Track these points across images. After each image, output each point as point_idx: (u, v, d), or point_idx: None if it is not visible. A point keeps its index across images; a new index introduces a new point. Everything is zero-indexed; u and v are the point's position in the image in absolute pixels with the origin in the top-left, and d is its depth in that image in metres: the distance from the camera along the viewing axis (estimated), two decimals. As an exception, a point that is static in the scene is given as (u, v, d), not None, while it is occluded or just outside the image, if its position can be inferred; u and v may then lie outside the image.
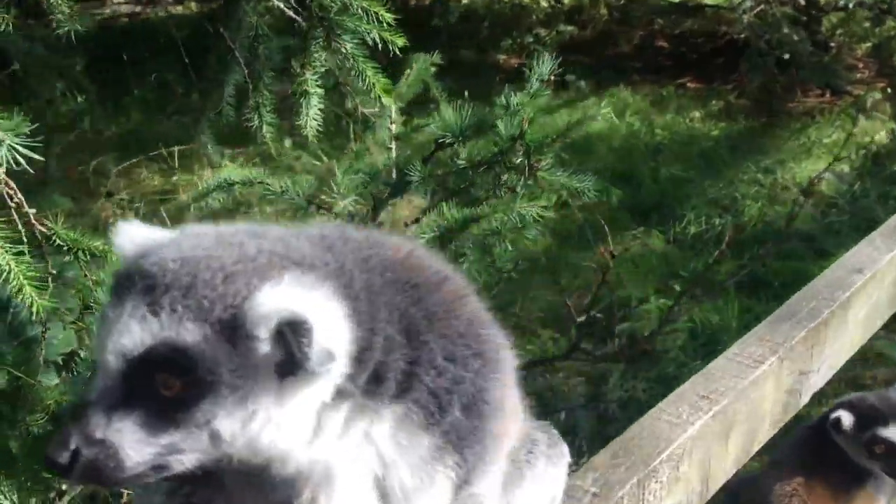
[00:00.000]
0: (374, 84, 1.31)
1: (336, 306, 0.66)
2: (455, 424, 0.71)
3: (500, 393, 0.74)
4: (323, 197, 1.38)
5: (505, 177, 1.27)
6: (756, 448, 1.13)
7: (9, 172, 1.19)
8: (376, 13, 1.30)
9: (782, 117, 6.21)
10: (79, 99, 5.33)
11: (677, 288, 3.81)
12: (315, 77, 1.40)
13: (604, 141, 5.78)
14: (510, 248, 1.31)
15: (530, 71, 1.50)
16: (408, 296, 0.73)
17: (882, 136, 5.69)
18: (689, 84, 7.30)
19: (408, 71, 1.85)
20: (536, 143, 1.23)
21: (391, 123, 1.63)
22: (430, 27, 8.02)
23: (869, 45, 7.47)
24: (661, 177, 5.14)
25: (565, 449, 0.90)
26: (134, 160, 3.48)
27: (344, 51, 1.31)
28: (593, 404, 2.77)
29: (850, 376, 3.46)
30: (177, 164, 3.67)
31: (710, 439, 1.01)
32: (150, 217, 3.01)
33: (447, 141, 1.38)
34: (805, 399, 1.22)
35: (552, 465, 0.86)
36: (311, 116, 1.44)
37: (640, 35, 8.71)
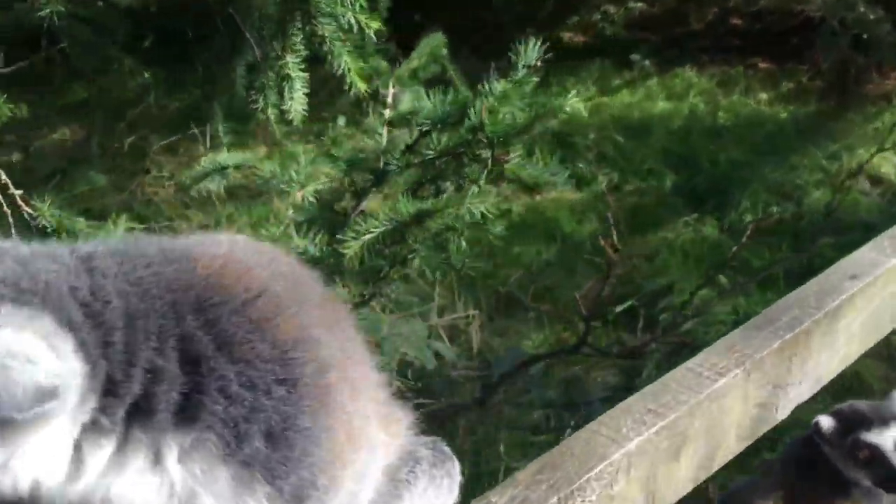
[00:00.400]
0: (349, 69, 1.27)
1: (61, 340, 0.61)
2: (257, 454, 0.66)
3: (320, 420, 0.69)
4: (283, 186, 1.34)
5: (468, 169, 1.20)
6: (719, 464, 1.05)
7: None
8: (353, -6, 1.25)
9: (857, 100, 5.85)
10: (146, 74, 5.46)
11: (722, 279, 3.66)
12: (297, 60, 1.36)
13: (664, 122, 5.57)
14: (465, 244, 1.24)
15: (516, 56, 1.41)
16: (199, 318, 0.68)
17: (964, 122, 5.29)
18: (760, 64, 6.95)
19: (414, 53, 1.79)
20: (498, 135, 1.15)
21: (385, 108, 1.58)
22: (492, 5, 7.89)
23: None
24: (721, 161, 4.92)
25: (454, 467, 0.85)
26: (174, 137, 3.54)
27: (322, 34, 1.27)
28: (615, 398, 2.67)
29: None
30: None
31: (655, 456, 0.93)
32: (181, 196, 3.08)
33: (424, 129, 1.32)
34: (783, 413, 1.13)
35: (435, 485, 0.81)
36: (297, 100, 1.40)
37: (713, 12, 8.34)
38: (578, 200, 4.85)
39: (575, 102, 1.25)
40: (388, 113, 1.52)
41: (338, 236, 1.16)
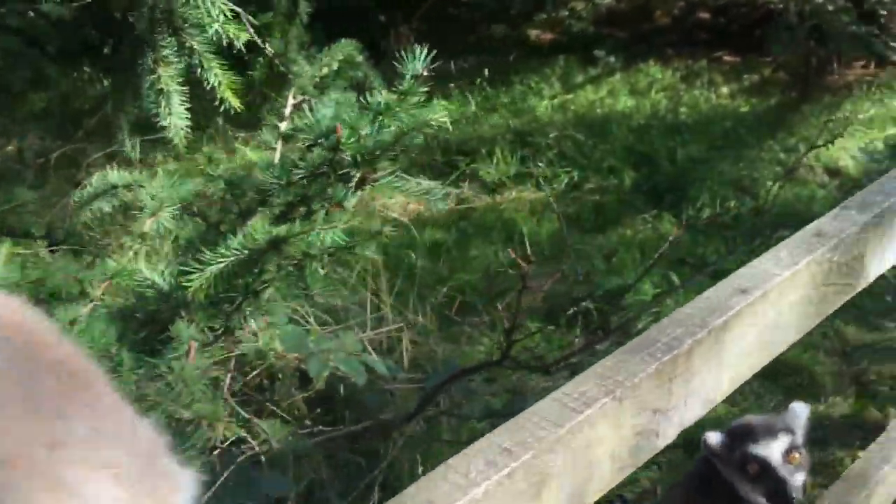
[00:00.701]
0: (220, 83, 1.19)
1: None
2: None
3: None
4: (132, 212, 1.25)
5: (332, 190, 1.12)
6: (594, 497, 0.98)
7: None
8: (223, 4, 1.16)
9: (818, 92, 5.81)
10: (105, 83, 5.35)
11: (674, 278, 3.60)
12: (173, 74, 1.28)
13: (626, 119, 5.51)
14: (321, 271, 1.16)
15: (402, 65, 1.33)
16: None
17: (924, 111, 5.26)
18: (724, 58, 6.90)
19: (322, 59, 1.70)
20: (361, 153, 1.07)
21: (281, 121, 1.50)
22: (460, 3, 7.81)
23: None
24: (679, 157, 4.86)
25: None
26: (109, 150, 3.44)
27: (191, 45, 1.19)
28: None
29: (853, 371, 3.20)
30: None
31: (510, 500, 0.86)
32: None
33: (308, 144, 1.24)
34: (668, 439, 1.05)
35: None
36: (177, 115, 1.32)
37: (680, 6, 8.29)
38: (539, 200, 4.79)
39: (440, 118, 1.17)
40: (283, 126, 1.43)
41: (181, 267, 1.08)
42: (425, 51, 1.36)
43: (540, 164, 4.93)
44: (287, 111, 1.53)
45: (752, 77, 6.29)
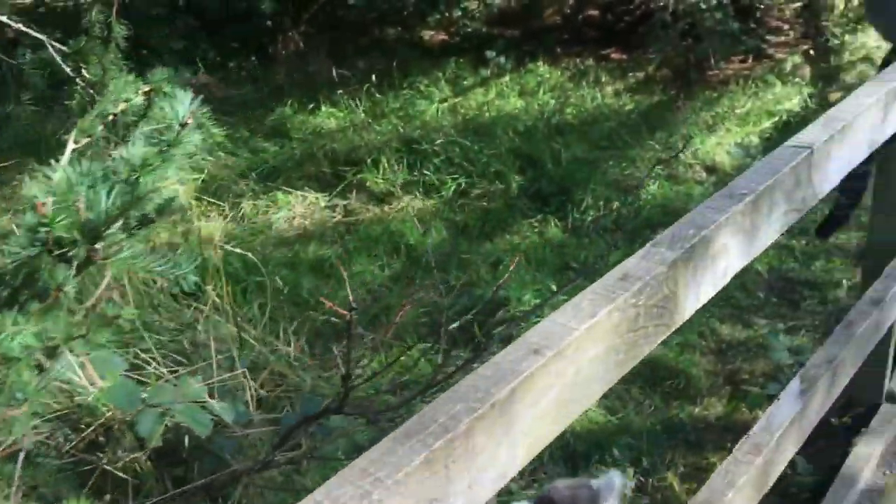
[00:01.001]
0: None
1: None
2: None
3: None
4: None
5: (50, 274, 0.94)
6: None
7: None
8: None
9: (699, 88, 5.91)
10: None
11: (553, 287, 3.55)
12: None
13: (512, 122, 5.47)
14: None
15: (163, 111, 1.17)
16: None
17: (795, 104, 5.41)
18: (612, 56, 6.96)
19: (112, 94, 1.53)
20: (72, 231, 0.91)
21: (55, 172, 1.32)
22: (348, 6, 7.62)
23: (799, 4, 7.15)
24: (564, 159, 4.84)
25: None
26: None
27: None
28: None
29: (728, 371, 3.23)
30: None
31: None
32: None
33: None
34: (454, 524, 0.95)
35: None
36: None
37: (570, 4, 8.33)
38: (427, 208, 4.69)
39: (171, 185, 1.02)
40: (57, 176, 1.24)
41: None
42: (191, 94, 1.20)
43: (426, 172, 4.83)
44: (64, 160, 1.35)
45: (637, 75, 6.36)
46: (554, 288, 3.53)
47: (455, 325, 3.49)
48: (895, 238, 2.38)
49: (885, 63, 2.12)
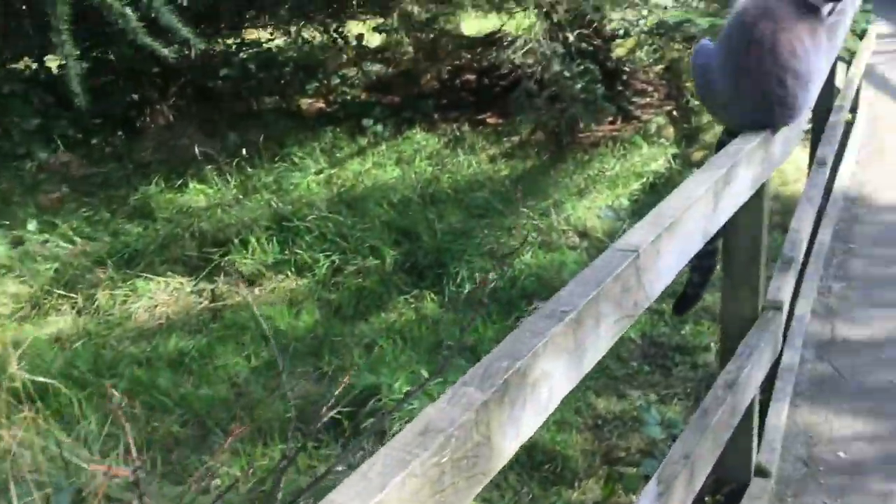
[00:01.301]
0: None
1: None
2: None
3: None
4: None
5: None
6: None
7: None
8: None
9: (572, 151, 6.00)
10: None
11: (424, 372, 3.39)
12: None
13: (390, 193, 5.36)
14: None
15: None
16: None
17: (660, 164, 5.55)
18: (488, 120, 7.03)
19: None
20: None
21: None
22: (221, 78, 7.42)
23: (661, 67, 7.46)
24: (440, 230, 4.75)
25: None
26: None
27: None
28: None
29: (604, 447, 3.13)
30: None
31: None
32: None
33: None
34: None
35: None
36: None
37: (448, 69, 8.42)
38: (299, 289, 4.47)
39: None
40: None
41: None
42: None
43: (298, 251, 4.63)
44: None
45: (512, 139, 6.42)
46: (426, 374, 3.36)
47: (325, 419, 3.28)
48: (745, 313, 2.36)
49: (720, 144, 2.11)
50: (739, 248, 2.28)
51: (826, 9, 1.98)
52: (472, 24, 8.24)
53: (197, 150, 5.43)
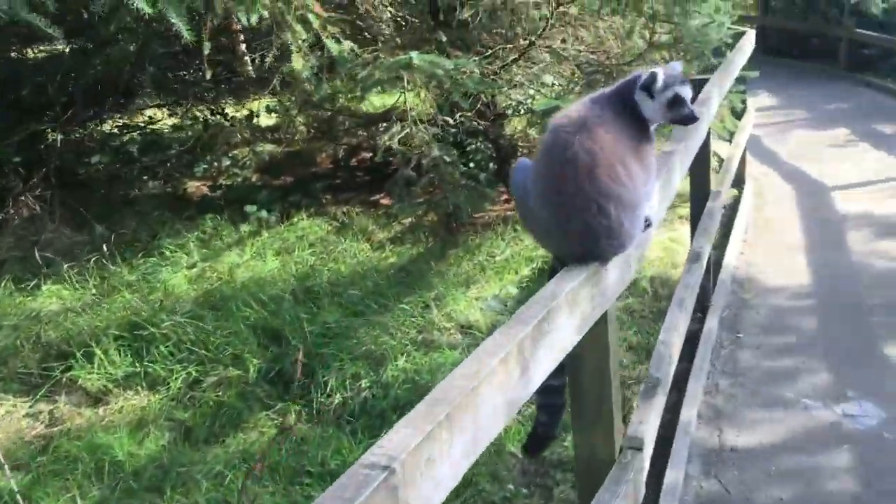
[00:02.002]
0: None
1: None
2: None
3: None
4: None
5: None
6: None
7: None
8: None
9: (462, 234, 5.73)
10: None
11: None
12: None
13: (266, 288, 4.93)
14: None
15: None
16: None
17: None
18: (381, 201, 6.72)
19: None
20: None
21: None
22: (92, 164, 6.93)
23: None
24: (313, 332, 4.34)
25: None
26: None
27: None
28: None
29: None
30: None
31: None
32: None
33: None
34: None
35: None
36: None
37: (343, 149, 8.14)
38: (149, 408, 3.96)
39: None
40: None
41: None
42: None
43: (150, 363, 4.14)
44: None
45: (402, 222, 6.11)
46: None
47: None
48: (601, 457, 2.03)
49: (552, 271, 1.80)
50: (585, 386, 1.97)
51: (655, 126, 1.73)
52: (376, 100, 7.99)
53: (51, 247, 4.92)
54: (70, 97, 6.48)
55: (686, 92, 1.69)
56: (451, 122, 5.16)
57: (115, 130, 7.56)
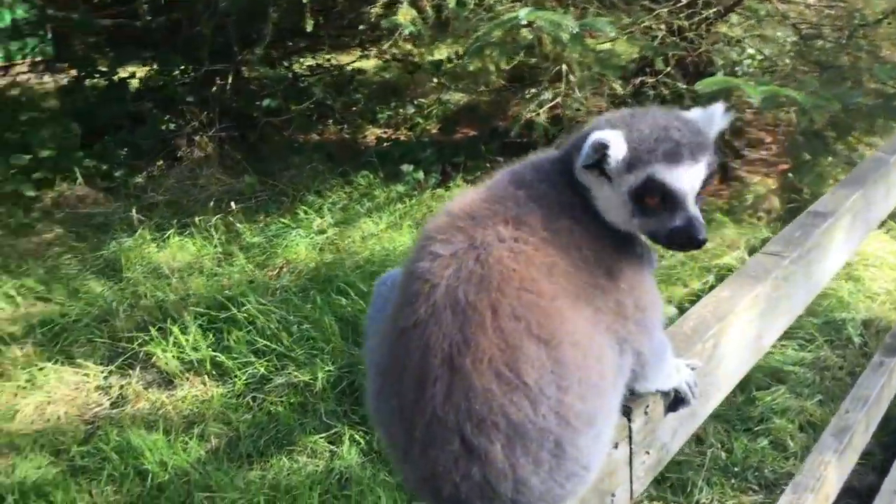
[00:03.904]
0: None
1: None
2: None
3: None
4: None
5: None
6: None
7: None
8: None
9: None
10: None
11: None
12: None
13: (392, 267, 4.19)
14: None
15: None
16: None
17: (738, 255, 3.92)
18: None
19: None
20: None
21: None
22: (268, 106, 6.57)
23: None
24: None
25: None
26: None
27: None
28: None
29: None
30: None
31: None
32: None
33: None
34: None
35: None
36: None
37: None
38: (209, 404, 3.43)
39: None
40: None
41: None
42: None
43: (224, 351, 3.60)
44: None
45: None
46: None
47: None
48: None
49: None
50: None
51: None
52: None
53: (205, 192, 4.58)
54: (250, 37, 6.11)
55: (683, 177, 0.89)
56: (618, 88, 3.94)
57: (302, 72, 7.16)
